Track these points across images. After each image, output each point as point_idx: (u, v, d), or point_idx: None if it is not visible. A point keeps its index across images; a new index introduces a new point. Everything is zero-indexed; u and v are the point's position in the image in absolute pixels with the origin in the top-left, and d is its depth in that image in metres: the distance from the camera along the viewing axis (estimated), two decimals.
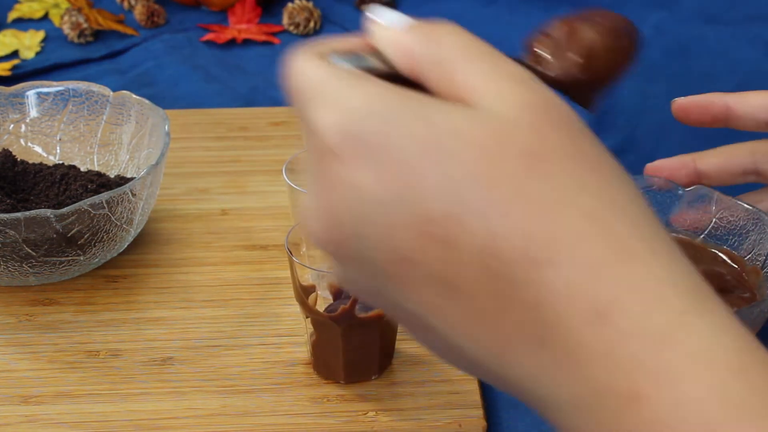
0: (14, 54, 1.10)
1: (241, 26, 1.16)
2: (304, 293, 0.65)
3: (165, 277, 0.76)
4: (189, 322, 0.72)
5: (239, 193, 0.85)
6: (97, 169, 0.82)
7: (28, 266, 0.72)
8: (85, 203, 0.70)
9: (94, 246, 0.73)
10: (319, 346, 0.66)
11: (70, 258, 0.73)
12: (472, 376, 0.42)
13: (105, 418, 0.65)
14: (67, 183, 0.77)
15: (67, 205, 0.73)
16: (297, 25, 1.15)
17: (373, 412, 0.65)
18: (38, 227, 0.70)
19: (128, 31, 1.13)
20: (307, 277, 0.66)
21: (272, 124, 0.95)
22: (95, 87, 0.83)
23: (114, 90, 0.83)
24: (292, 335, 0.71)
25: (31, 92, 0.84)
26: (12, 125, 0.84)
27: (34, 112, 0.84)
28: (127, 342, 0.70)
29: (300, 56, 0.42)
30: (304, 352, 0.69)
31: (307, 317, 0.66)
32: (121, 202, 0.72)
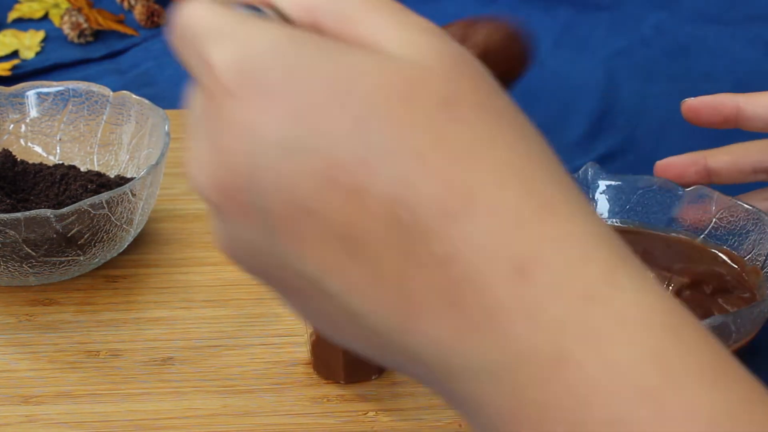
0: (14, 54, 1.09)
1: None
2: None
3: (165, 277, 0.76)
4: (189, 322, 0.72)
5: None
6: (97, 169, 0.82)
7: (28, 266, 0.72)
8: (85, 203, 0.70)
9: (94, 246, 0.73)
10: (319, 346, 0.66)
11: (70, 258, 0.73)
12: (366, 355, 0.38)
13: (105, 418, 0.65)
14: (67, 183, 0.77)
15: (67, 205, 0.73)
16: None
17: (374, 412, 0.65)
18: (38, 227, 0.69)
19: (128, 31, 1.13)
20: None
21: None
22: (95, 87, 0.83)
23: (114, 90, 0.83)
24: (293, 335, 0.71)
25: (31, 92, 0.84)
26: (12, 125, 0.84)
27: (34, 112, 0.84)
28: (128, 342, 0.70)
29: (194, 2, 0.39)
30: (304, 352, 0.69)
31: None
32: (121, 202, 0.72)
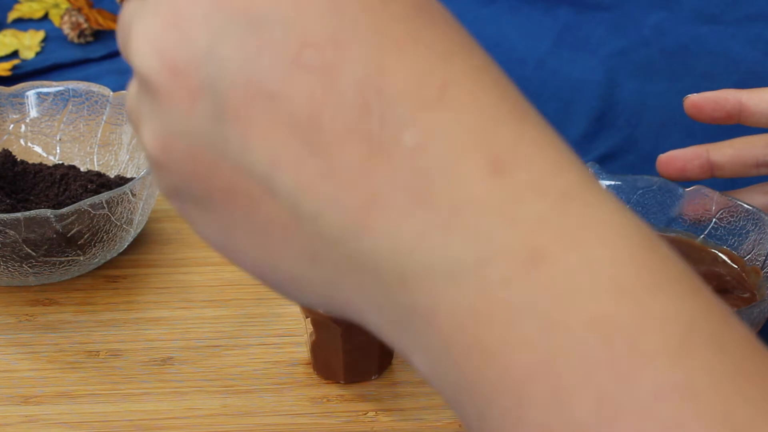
0: (14, 54, 1.09)
1: None
2: None
3: (165, 277, 0.76)
4: (189, 322, 0.72)
5: None
6: (97, 169, 0.82)
7: (28, 266, 0.72)
8: (85, 203, 0.70)
9: (94, 246, 0.73)
10: (319, 346, 0.66)
11: (70, 258, 0.73)
12: (296, 283, 0.36)
13: (105, 418, 0.65)
14: (66, 183, 0.77)
15: (67, 205, 0.73)
16: None
17: (373, 412, 0.65)
18: (38, 227, 0.70)
19: None
20: None
21: None
22: (95, 87, 0.83)
23: (114, 90, 0.83)
24: (292, 335, 0.71)
25: (31, 92, 0.84)
26: (12, 125, 0.84)
27: (34, 112, 0.84)
28: (128, 342, 0.70)
29: None
30: (304, 352, 0.69)
31: (306, 317, 0.66)
32: (121, 202, 0.72)
